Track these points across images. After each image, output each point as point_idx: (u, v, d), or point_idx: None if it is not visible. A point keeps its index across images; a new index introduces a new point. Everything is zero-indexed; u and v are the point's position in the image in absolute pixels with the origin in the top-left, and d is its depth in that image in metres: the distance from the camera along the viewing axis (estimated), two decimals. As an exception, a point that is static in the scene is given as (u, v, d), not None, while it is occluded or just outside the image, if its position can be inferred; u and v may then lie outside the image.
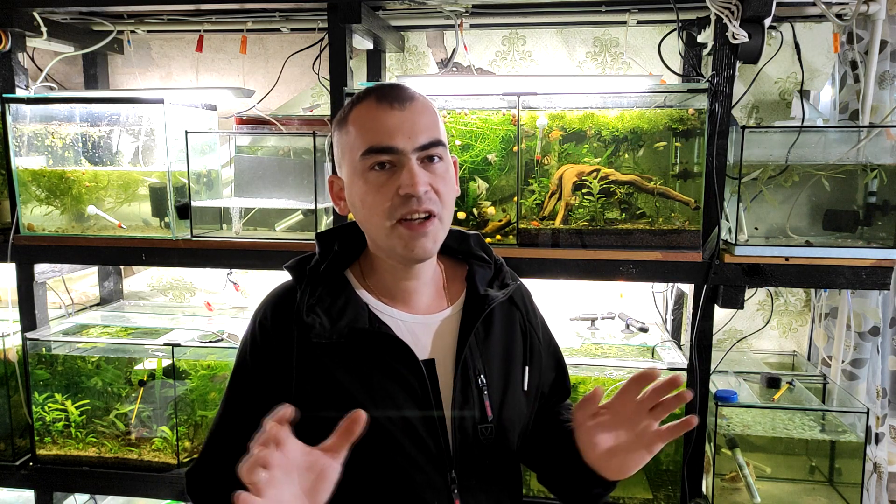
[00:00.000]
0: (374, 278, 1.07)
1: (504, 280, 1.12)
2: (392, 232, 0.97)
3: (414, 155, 0.96)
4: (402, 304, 1.06)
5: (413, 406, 0.99)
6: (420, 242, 0.97)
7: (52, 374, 2.17)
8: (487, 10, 2.14)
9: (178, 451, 2.12)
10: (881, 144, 1.81)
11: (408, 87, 1.01)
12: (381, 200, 0.96)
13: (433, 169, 0.98)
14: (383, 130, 0.95)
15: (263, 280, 2.61)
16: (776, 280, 1.78)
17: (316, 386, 0.99)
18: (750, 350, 2.43)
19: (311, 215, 2.01)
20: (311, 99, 2.51)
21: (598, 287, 2.36)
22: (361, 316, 1.00)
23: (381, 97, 0.98)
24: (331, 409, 0.95)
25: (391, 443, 0.98)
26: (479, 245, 1.14)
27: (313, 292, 1.03)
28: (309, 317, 1.00)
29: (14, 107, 2.04)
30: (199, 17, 2.24)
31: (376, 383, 0.99)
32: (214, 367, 2.12)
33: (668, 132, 1.87)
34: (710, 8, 1.74)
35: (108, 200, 2.11)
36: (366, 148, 0.96)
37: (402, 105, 0.97)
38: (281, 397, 0.93)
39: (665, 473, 1.96)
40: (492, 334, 1.08)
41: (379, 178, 0.97)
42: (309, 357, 1.00)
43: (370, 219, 0.99)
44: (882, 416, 2.29)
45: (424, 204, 0.95)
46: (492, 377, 1.05)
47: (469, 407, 1.02)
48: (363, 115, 0.98)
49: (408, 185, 0.94)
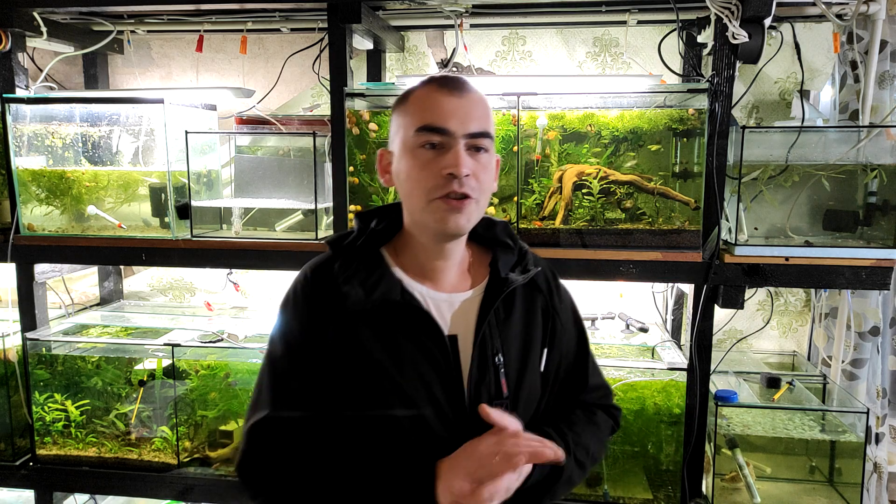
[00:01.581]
0: (406, 256, 1.13)
1: (526, 266, 1.17)
2: (429, 205, 1.04)
3: (463, 140, 1.03)
4: (430, 281, 1.12)
5: (435, 376, 1.06)
6: (454, 217, 1.03)
7: (52, 374, 2.17)
8: (487, 10, 2.14)
9: (178, 451, 2.12)
10: (881, 144, 1.81)
11: (468, 81, 1.08)
12: (425, 177, 1.03)
13: (477, 158, 1.05)
14: (439, 112, 1.03)
15: (263, 280, 2.61)
16: (776, 280, 1.78)
17: (349, 351, 1.06)
18: (750, 350, 2.43)
19: (311, 215, 2.01)
20: (311, 99, 2.51)
21: (598, 287, 2.36)
22: (394, 289, 1.07)
23: (442, 83, 1.06)
24: (360, 373, 1.04)
25: (413, 407, 1.04)
26: (505, 232, 1.20)
27: (350, 265, 1.10)
28: (345, 287, 1.07)
29: (14, 107, 2.04)
30: (199, 17, 2.24)
31: (403, 352, 1.06)
32: (215, 367, 2.12)
33: (668, 132, 1.88)
34: (710, 8, 1.74)
35: (108, 200, 2.11)
36: (421, 125, 1.03)
37: (460, 93, 1.05)
38: (317, 357, 1.06)
39: (665, 473, 1.96)
40: (512, 316, 1.13)
41: (427, 156, 1.04)
42: (344, 324, 1.07)
43: (412, 192, 1.06)
44: (882, 416, 2.29)
45: (464, 187, 1.02)
46: (510, 356, 1.11)
47: (485, 383, 1.08)
48: (424, 95, 1.06)
49: (452, 166, 1.01)
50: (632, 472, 1.98)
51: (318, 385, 1.07)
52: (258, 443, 1.08)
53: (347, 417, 1.06)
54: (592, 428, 1.18)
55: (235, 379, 2.11)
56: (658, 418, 1.94)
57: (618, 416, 1.27)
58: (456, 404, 1.06)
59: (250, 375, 2.11)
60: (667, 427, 1.94)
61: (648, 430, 1.95)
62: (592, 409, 1.22)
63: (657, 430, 1.95)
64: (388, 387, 1.04)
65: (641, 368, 1.90)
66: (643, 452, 1.97)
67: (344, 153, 1.92)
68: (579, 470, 1.13)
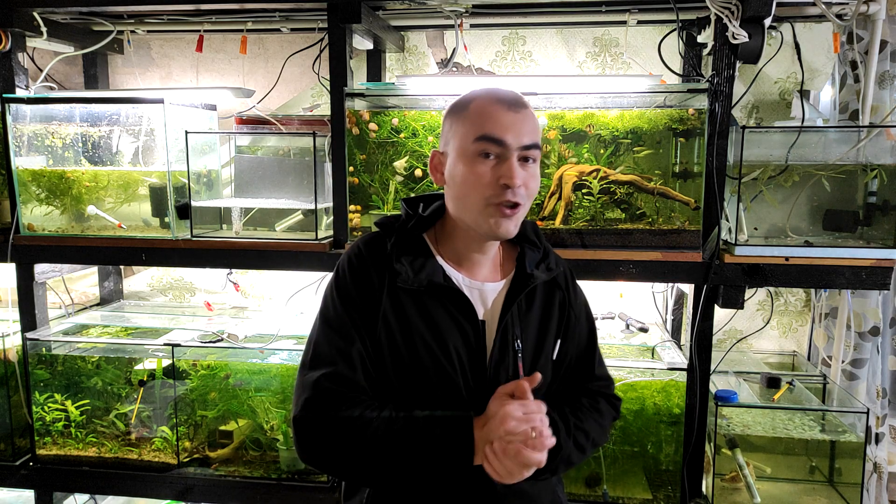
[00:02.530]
0: (446, 245, 1.24)
1: (549, 264, 1.29)
2: (485, 210, 1.14)
3: (517, 152, 1.13)
4: (465, 269, 1.24)
5: (466, 352, 1.18)
6: (505, 224, 1.15)
7: (52, 374, 2.17)
8: (487, 10, 2.14)
9: (178, 451, 2.12)
10: (881, 144, 1.81)
11: (523, 97, 1.19)
12: (483, 184, 1.13)
13: (528, 168, 1.15)
14: (499, 124, 1.13)
15: (263, 280, 2.62)
16: (776, 280, 1.78)
17: (395, 322, 1.18)
18: (750, 350, 2.43)
19: (310, 215, 2.01)
20: (311, 99, 2.51)
21: (599, 287, 2.36)
22: (438, 272, 1.19)
23: (500, 99, 1.16)
24: (404, 343, 1.17)
25: (448, 380, 1.17)
26: (532, 231, 1.31)
27: (401, 245, 1.21)
28: (397, 264, 1.18)
29: (14, 107, 2.04)
30: (199, 17, 2.24)
31: (442, 328, 1.18)
32: (214, 367, 2.12)
33: (668, 132, 1.88)
34: (710, 8, 1.74)
35: (108, 200, 2.11)
36: (480, 134, 1.13)
37: (517, 109, 1.15)
38: (367, 322, 1.17)
39: (665, 473, 1.96)
40: (532, 308, 1.25)
41: (484, 164, 1.13)
42: (393, 298, 1.18)
43: (468, 195, 1.15)
44: (882, 416, 2.29)
45: (517, 196, 1.13)
46: (527, 343, 1.23)
47: (504, 364, 1.20)
48: (485, 106, 1.15)
49: (508, 178, 1.12)
50: (631, 472, 1.98)
51: (369, 345, 1.18)
52: (321, 399, 1.13)
53: (387, 383, 1.18)
54: (595, 414, 1.27)
55: (238, 380, 2.11)
56: (658, 418, 1.94)
57: (618, 405, 1.36)
58: (479, 379, 1.19)
59: (250, 375, 2.11)
60: (667, 427, 1.94)
61: (648, 430, 1.95)
62: (596, 397, 1.31)
63: (657, 430, 1.95)
64: (429, 357, 1.16)
65: (641, 368, 1.90)
66: (643, 452, 1.97)
67: (344, 153, 1.92)
68: (578, 451, 1.21)
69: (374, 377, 1.18)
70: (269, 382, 2.10)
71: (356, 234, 1.96)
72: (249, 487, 2.07)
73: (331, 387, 1.14)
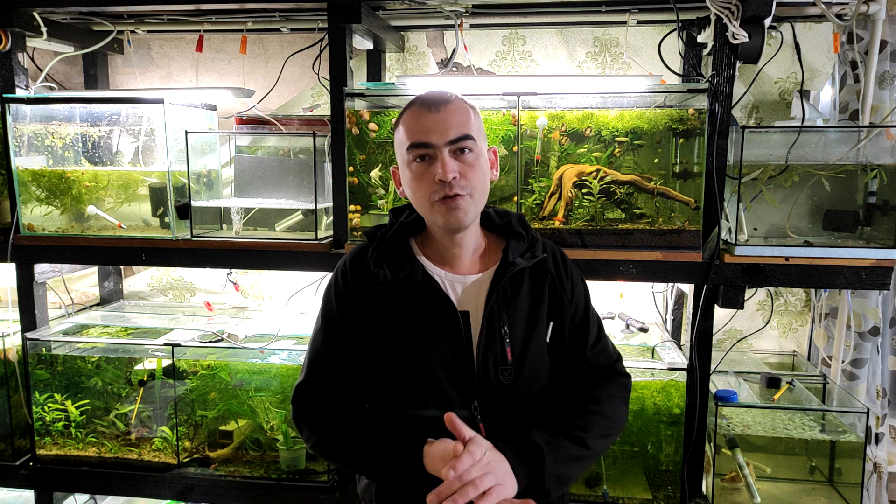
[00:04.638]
0: (430, 246, 1.34)
1: (535, 253, 1.33)
2: (433, 208, 1.23)
3: (446, 148, 1.21)
4: (448, 266, 1.32)
5: (448, 344, 1.25)
6: (454, 214, 1.22)
7: (52, 374, 2.17)
8: (487, 10, 2.14)
9: (178, 451, 2.12)
10: (881, 144, 1.81)
11: (446, 92, 1.26)
12: (423, 185, 1.23)
13: (463, 159, 1.22)
14: (423, 129, 1.22)
15: (263, 280, 2.62)
16: (776, 280, 1.78)
17: (377, 324, 1.28)
18: (750, 350, 2.43)
19: (311, 215, 2.01)
20: (311, 99, 2.51)
21: (598, 287, 2.36)
22: (416, 272, 1.27)
23: (422, 103, 1.24)
24: (386, 340, 1.27)
25: (429, 373, 1.24)
26: (518, 223, 1.37)
27: (381, 252, 1.31)
28: (376, 268, 1.28)
29: (14, 107, 2.04)
30: (199, 17, 2.24)
31: (422, 324, 1.26)
32: (215, 367, 2.12)
33: (668, 132, 1.87)
34: (710, 8, 1.74)
35: (107, 200, 2.11)
36: (409, 143, 1.23)
37: (437, 109, 1.22)
38: (352, 330, 1.30)
39: (665, 473, 1.96)
40: (520, 295, 1.31)
41: (420, 168, 1.23)
42: (373, 300, 1.29)
43: (417, 199, 1.26)
44: (882, 416, 2.29)
45: (454, 188, 1.20)
46: (516, 329, 1.28)
47: (492, 350, 1.26)
48: (408, 118, 1.25)
49: (440, 173, 1.20)
50: (631, 472, 1.98)
51: (350, 353, 1.30)
52: (297, 404, 1.32)
53: (374, 379, 1.30)
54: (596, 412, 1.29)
55: (239, 380, 2.11)
56: (658, 418, 1.94)
57: (628, 384, 1.40)
58: (465, 368, 1.25)
59: (250, 375, 2.11)
60: (667, 427, 1.94)
61: (648, 430, 1.95)
62: (602, 380, 1.35)
63: (657, 430, 1.95)
64: (408, 352, 1.25)
65: (641, 368, 1.90)
66: (643, 452, 1.97)
67: (344, 153, 1.92)
68: (577, 446, 1.23)
69: (363, 376, 1.30)
70: (269, 382, 2.10)
71: (356, 234, 1.96)
72: (249, 487, 2.07)
73: (304, 399, 1.31)
